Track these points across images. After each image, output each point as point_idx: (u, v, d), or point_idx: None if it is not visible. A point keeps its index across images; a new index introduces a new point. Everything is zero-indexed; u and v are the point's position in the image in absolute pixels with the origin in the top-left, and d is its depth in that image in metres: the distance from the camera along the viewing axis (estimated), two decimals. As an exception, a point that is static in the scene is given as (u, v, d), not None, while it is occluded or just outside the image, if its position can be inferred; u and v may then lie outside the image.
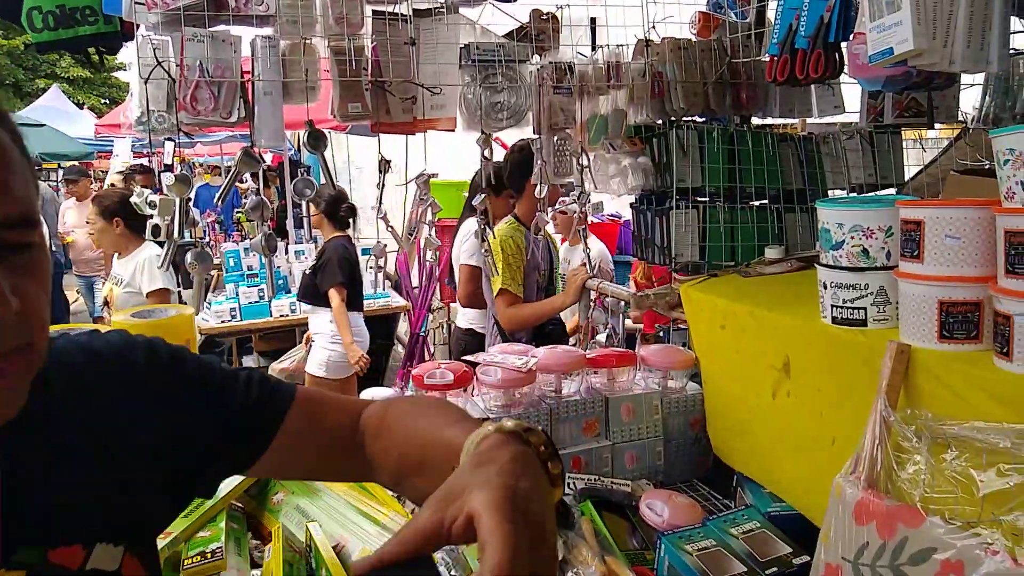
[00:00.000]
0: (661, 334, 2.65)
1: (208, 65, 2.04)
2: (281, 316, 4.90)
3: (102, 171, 15.33)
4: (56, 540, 0.79)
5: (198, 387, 0.95)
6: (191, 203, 2.10)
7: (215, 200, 2.23)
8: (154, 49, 2.01)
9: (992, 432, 1.17)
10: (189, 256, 2.04)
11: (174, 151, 2.13)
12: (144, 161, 8.24)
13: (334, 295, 4.31)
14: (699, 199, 2.41)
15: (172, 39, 2.05)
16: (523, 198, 3.22)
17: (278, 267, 5.09)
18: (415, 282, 5.36)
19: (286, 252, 5.22)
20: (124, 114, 2.14)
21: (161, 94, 2.04)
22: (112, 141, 10.58)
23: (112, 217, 3.86)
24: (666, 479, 2.02)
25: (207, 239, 6.92)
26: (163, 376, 0.93)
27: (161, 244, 1.99)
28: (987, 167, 2.36)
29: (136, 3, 2.04)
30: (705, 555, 1.54)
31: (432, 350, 5.17)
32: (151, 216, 1.99)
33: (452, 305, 5.21)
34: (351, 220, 4.55)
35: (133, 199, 2.03)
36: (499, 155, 3.24)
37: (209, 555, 1.47)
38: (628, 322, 2.99)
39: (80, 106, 17.62)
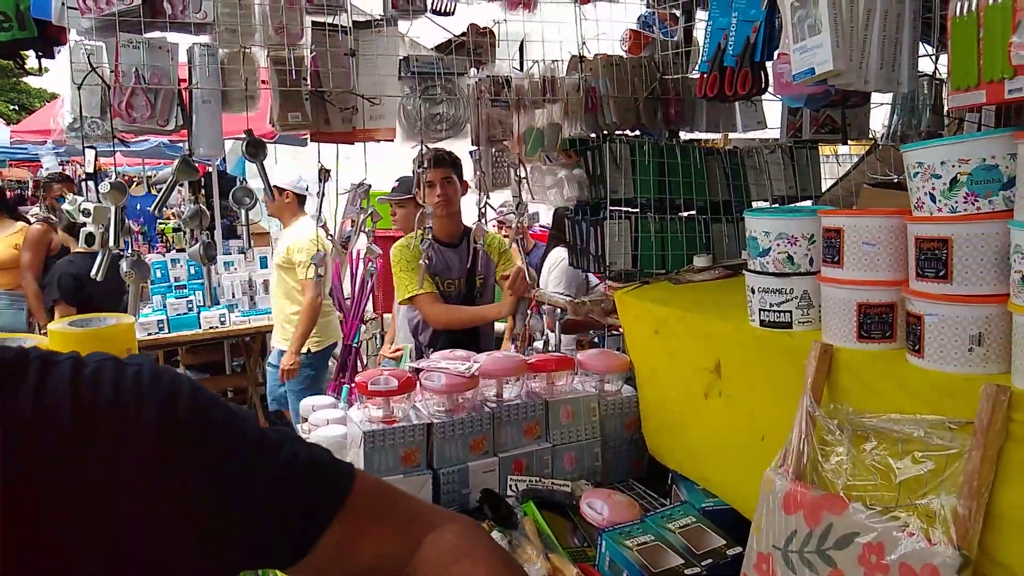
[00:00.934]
0: (596, 339, 2.72)
1: (144, 72, 2.02)
2: (211, 328, 4.81)
3: (13, 180, 14.68)
4: None
5: (220, 466, 0.74)
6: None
7: (152, 208, 2.21)
8: (88, 55, 1.98)
9: (907, 423, 1.27)
10: (124, 265, 2.01)
11: (95, 159, 2.10)
12: (63, 170, 7.94)
13: (58, 313, 4.27)
14: (631, 210, 2.50)
15: (107, 45, 2.03)
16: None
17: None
18: (347, 293, 5.34)
19: (214, 262, 5.13)
20: (55, 120, 2.10)
21: (95, 100, 2.01)
22: (26, 148, 10.17)
23: None
24: (604, 479, 2.08)
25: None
26: (177, 441, 0.71)
27: (94, 253, 1.95)
28: (896, 180, 2.52)
29: (68, 7, 2.01)
30: (644, 549, 1.61)
31: (365, 361, 5.14)
32: (84, 224, 1.96)
33: (386, 316, 5.20)
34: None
35: (65, 207, 1.98)
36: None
37: None
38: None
39: (-13, 112, 16.83)
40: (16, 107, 25.59)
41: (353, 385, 2.02)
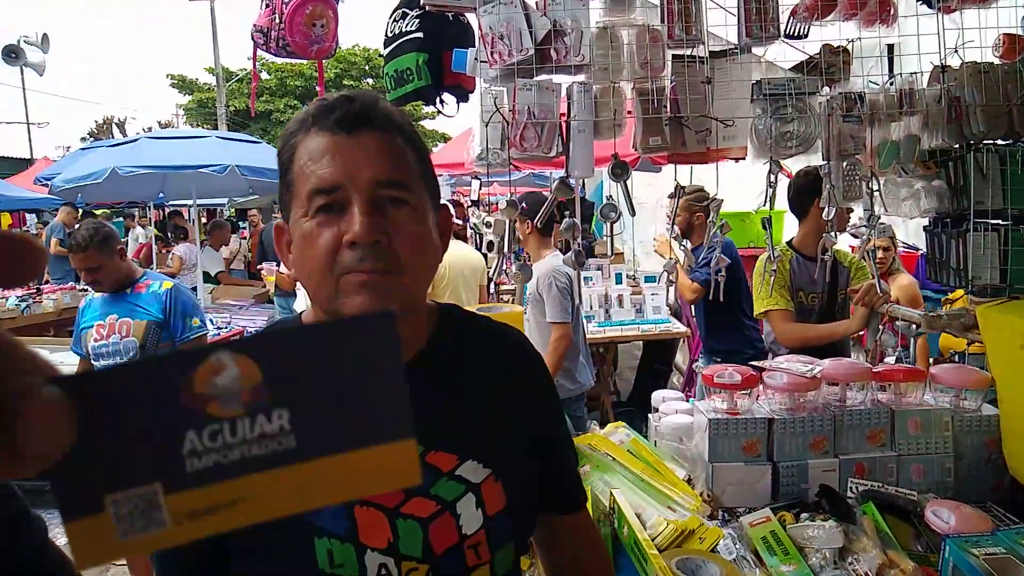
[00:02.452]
0: (955, 357, 2.59)
1: (534, 109, 2.44)
2: (569, 336, 5.35)
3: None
4: (437, 446, 1.00)
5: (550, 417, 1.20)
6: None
7: (536, 221, 2.64)
8: (493, 98, 2.45)
9: None
10: (514, 267, 2.45)
11: (479, 188, 2.56)
12: (453, 197, 9.31)
13: None
14: (1000, 222, 2.37)
15: (507, 89, 2.49)
16: (803, 222, 3.32)
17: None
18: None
19: (583, 268, 5.69)
20: (466, 152, 2.62)
21: (497, 135, 2.48)
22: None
23: None
24: (956, 496, 2.02)
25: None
26: (537, 378, 1.18)
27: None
28: None
29: (480, 62, 2.51)
30: (994, 560, 1.57)
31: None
32: (486, 234, 2.43)
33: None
34: None
35: (473, 220, 2.47)
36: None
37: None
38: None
39: (394, 151, 19.99)
40: (414, 146, 29.86)
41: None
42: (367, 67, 29.36)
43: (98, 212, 17.05)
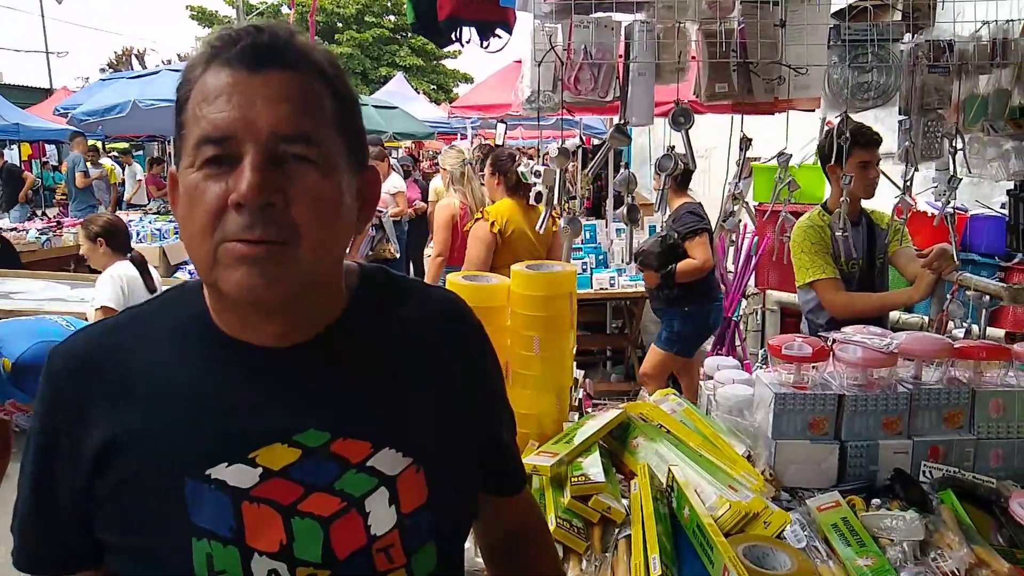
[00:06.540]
0: (1033, 333, 2.43)
1: (591, 49, 2.25)
2: (600, 288, 5.19)
3: (432, 151, 17.07)
4: (346, 432, 0.86)
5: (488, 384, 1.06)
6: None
7: (586, 172, 2.47)
8: (548, 36, 2.26)
9: None
10: (563, 222, 2.28)
11: (504, 133, 2.37)
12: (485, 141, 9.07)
13: None
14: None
15: (561, 26, 2.29)
16: (831, 183, 3.09)
17: (599, 243, 5.40)
18: (730, 267, 5.36)
19: (607, 227, 5.52)
20: (515, 94, 2.43)
21: (549, 76, 2.29)
22: (449, 123, 11.80)
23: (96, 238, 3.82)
24: (1035, 484, 1.89)
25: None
26: (471, 346, 1.03)
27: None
28: None
29: (531, -4, 2.31)
30: (1093, 563, 1.45)
31: (744, 336, 5.14)
32: (535, 184, 2.26)
33: (768, 292, 5.14)
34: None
35: (520, 169, 2.30)
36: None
37: (590, 477, 1.68)
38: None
39: (416, 91, 19.62)
40: (435, 87, 29.44)
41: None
42: (388, 3, 28.70)
43: (118, 145, 16.93)
